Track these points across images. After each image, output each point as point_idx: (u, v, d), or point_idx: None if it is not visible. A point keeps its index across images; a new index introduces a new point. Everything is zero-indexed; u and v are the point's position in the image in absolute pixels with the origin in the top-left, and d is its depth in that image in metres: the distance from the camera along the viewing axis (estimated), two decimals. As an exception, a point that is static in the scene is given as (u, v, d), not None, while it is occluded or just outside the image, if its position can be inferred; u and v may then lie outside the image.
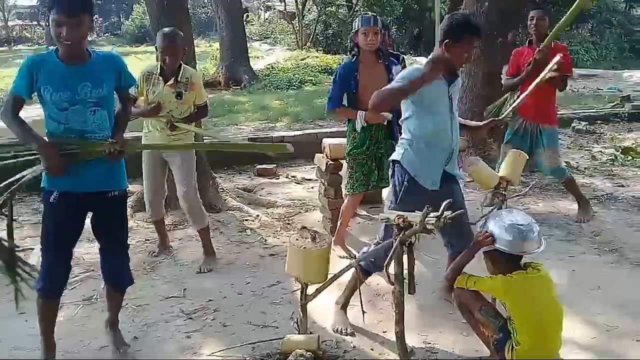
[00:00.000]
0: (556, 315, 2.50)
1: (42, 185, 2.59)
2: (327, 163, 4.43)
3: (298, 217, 4.94)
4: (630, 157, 6.28)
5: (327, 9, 25.67)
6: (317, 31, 25.20)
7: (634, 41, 26.21)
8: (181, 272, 3.90)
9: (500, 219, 2.52)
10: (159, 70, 3.75)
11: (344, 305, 3.20)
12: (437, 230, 2.51)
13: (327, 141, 4.53)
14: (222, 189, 5.33)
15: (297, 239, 2.85)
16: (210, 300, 3.47)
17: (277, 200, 5.34)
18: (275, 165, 6.33)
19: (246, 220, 4.85)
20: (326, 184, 4.49)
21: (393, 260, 2.58)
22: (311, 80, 14.80)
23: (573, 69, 4.53)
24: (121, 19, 32.00)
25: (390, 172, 3.09)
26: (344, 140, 4.67)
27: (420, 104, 2.85)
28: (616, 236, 4.21)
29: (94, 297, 3.49)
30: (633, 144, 6.82)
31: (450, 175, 2.99)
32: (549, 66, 3.86)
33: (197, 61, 5.19)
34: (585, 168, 6.10)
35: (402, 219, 2.57)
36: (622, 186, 5.47)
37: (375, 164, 3.92)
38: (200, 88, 3.89)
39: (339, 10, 26.78)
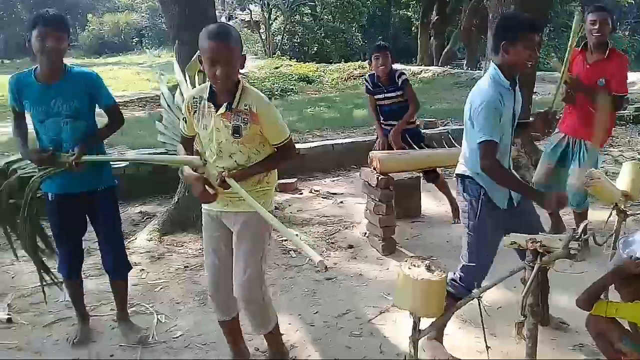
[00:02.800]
0: None
1: (40, 188, 2.96)
2: (378, 178, 4.15)
3: (340, 235, 4.63)
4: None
5: (293, 17, 25.50)
6: (284, 40, 24.97)
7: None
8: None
9: (643, 242, 2.30)
10: (208, 94, 2.45)
11: (438, 337, 2.92)
12: (579, 254, 2.28)
13: (375, 154, 4.25)
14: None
15: (409, 268, 2.54)
16: (282, 334, 3.12)
17: (311, 217, 5.02)
18: (295, 179, 5.99)
19: (285, 240, 4.50)
20: (378, 200, 4.20)
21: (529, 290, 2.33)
22: (292, 89, 14.53)
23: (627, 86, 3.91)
24: (77, 30, 30.83)
25: (459, 188, 2.80)
26: (390, 152, 4.45)
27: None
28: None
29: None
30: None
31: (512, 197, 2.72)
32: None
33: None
34: (614, 173, 6.01)
35: (538, 244, 2.32)
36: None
37: None
38: (270, 120, 2.45)
39: (304, 19, 26.64)
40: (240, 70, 2.43)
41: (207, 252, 2.68)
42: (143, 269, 4.00)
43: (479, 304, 2.52)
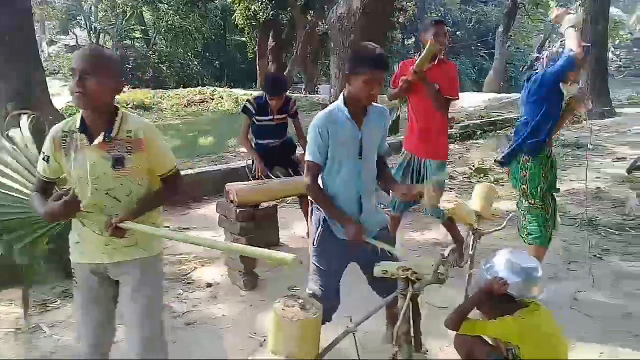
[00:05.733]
0: (564, 349, 2.46)
1: None
2: (236, 210, 3.97)
3: (196, 274, 4.34)
4: (483, 174, 6.85)
5: (123, 41, 24.36)
6: (115, 65, 23.70)
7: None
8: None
9: (508, 261, 2.41)
10: (78, 124, 2.16)
11: None
12: (447, 277, 2.33)
13: (231, 186, 4.07)
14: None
15: (283, 309, 2.39)
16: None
17: (164, 257, 4.64)
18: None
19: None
20: (236, 233, 4.01)
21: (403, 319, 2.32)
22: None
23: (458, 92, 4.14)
24: None
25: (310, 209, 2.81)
26: (246, 183, 4.28)
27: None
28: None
29: None
30: (480, 161, 7.47)
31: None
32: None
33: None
34: (450, 188, 6.47)
35: (409, 271, 2.32)
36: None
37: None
38: (158, 146, 2.23)
39: (136, 43, 25.62)
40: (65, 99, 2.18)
41: (85, 310, 2.31)
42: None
43: (354, 339, 2.46)
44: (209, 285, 4.14)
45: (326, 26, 6.25)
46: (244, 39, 26.87)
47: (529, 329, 2.36)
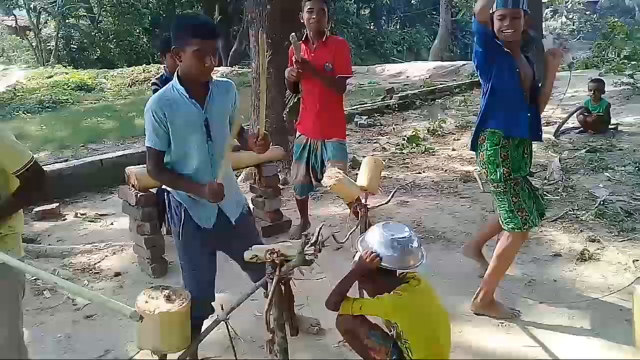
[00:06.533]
0: (446, 323, 2.41)
1: None
2: (137, 195, 3.81)
3: (105, 263, 4.17)
4: (415, 144, 6.79)
5: (66, 21, 23.41)
6: (59, 46, 22.83)
7: (368, 38, 29.38)
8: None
9: (380, 235, 2.32)
10: None
11: None
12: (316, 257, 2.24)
13: (131, 169, 3.89)
14: (-4, 245, 4.25)
15: (146, 301, 2.27)
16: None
17: (74, 246, 4.47)
18: (57, 204, 5.33)
19: (38, 280, 3.92)
20: (139, 219, 3.86)
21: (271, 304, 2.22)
22: (67, 99, 13.24)
23: (351, 69, 3.99)
24: None
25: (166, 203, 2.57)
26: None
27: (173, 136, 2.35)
28: (436, 222, 4.42)
29: None
30: (413, 132, 7.40)
31: (226, 215, 2.53)
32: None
33: None
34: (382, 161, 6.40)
35: (276, 254, 2.22)
36: (420, 173, 5.85)
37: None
38: (2, 142, 2.11)
39: (81, 22, 24.67)
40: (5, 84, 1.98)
41: None
42: None
43: (227, 327, 2.36)
44: (117, 274, 3.98)
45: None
46: (191, 13, 26.19)
47: (405, 306, 2.29)
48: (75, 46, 23.56)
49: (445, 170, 5.97)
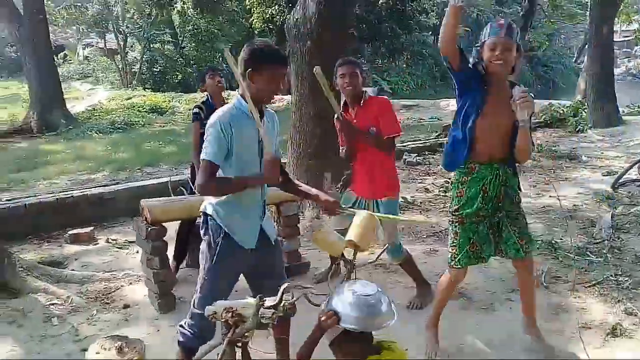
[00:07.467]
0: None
1: None
2: (147, 229, 3.80)
3: (120, 293, 4.19)
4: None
5: (152, 45, 24.66)
6: (142, 69, 24.04)
7: (443, 71, 28.87)
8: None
9: (343, 293, 2.13)
10: None
11: None
12: (275, 322, 2.08)
13: (145, 203, 3.90)
14: (22, 265, 4.38)
15: (97, 353, 2.20)
16: None
17: (95, 273, 4.53)
18: (92, 227, 5.47)
19: (54, 304, 3.99)
20: (148, 252, 3.85)
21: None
22: (138, 121, 13.84)
23: (399, 126, 3.72)
24: None
25: (202, 227, 2.59)
26: (165, 201, 4.10)
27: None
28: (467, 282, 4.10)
29: None
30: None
31: (267, 235, 2.65)
32: None
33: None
34: (420, 202, 6.13)
35: (231, 313, 2.08)
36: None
37: (491, 231, 2.96)
38: None
39: (166, 47, 25.89)
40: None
41: None
42: None
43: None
44: (126, 306, 3.98)
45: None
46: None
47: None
48: (157, 70, 24.67)
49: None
